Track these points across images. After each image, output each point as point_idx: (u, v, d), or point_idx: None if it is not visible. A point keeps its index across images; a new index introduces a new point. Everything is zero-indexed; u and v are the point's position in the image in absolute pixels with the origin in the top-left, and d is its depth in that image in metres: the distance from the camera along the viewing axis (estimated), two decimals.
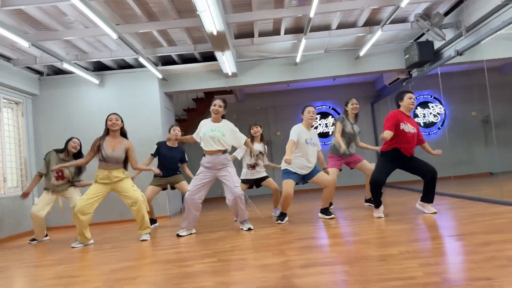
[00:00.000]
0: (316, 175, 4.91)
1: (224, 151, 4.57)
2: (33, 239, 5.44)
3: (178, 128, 5.67)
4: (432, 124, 10.27)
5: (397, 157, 4.61)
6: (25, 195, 5.30)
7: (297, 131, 4.85)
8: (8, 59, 6.30)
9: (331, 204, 5.73)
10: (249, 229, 4.66)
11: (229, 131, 4.59)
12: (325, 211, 5.03)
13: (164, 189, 5.75)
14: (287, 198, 4.89)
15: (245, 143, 4.76)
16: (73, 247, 4.65)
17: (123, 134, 4.70)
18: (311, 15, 5.06)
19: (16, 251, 4.94)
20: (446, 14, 6.13)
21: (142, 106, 7.09)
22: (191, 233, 4.76)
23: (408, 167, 4.68)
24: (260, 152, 5.52)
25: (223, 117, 4.68)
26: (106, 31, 4.87)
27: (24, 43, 4.95)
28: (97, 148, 4.55)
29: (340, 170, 5.59)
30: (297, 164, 4.85)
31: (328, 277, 2.53)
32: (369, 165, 5.52)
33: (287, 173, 4.89)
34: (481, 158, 10.10)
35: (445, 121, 10.25)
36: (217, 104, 4.58)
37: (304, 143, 4.84)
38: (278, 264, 2.94)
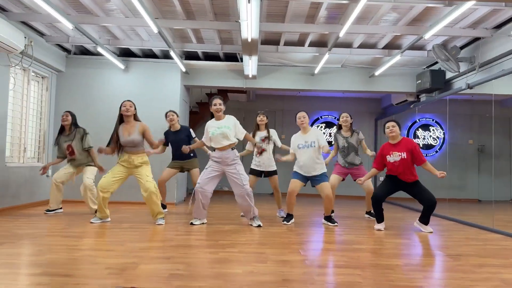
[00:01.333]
0: (319, 184, 5.20)
1: (233, 147, 4.92)
2: (48, 210, 5.70)
3: (172, 112, 6.00)
4: (431, 146, 10.71)
5: (398, 181, 4.98)
6: (44, 169, 5.63)
7: (292, 141, 5.34)
8: (42, 34, 6.54)
9: (332, 211, 6.08)
10: (259, 225, 4.99)
11: (233, 124, 4.92)
12: (329, 218, 5.38)
13: (181, 171, 6.11)
14: (291, 194, 5.22)
15: (245, 137, 5.10)
16: (92, 223, 4.94)
17: (137, 119, 5.02)
18: (341, 34, 5.41)
19: (37, 219, 5.21)
20: (461, 48, 6.53)
21: (162, 96, 7.37)
22: (203, 223, 5.09)
23: (409, 191, 5.02)
24: (265, 137, 5.82)
25: (224, 112, 5.03)
26: (148, 23, 5.15)
27: (68, 25, 5.22)
28: (116, 137, 4.87)
29: (343, 179, 5.94)
30: (298, 167, 5.25)
31: (344, 278, 2.88)
32: (369, 185, 5.78)
33: (294, 173, 5.30)
34: (472, 184, 10.57)
35: (443, 146, 10.70)
36: (217, 103, 4.91)
37: (296, 149, 5.24)
38: (297, 262, 3.29)
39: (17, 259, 3.23)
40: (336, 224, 5.29)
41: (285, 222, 5.33)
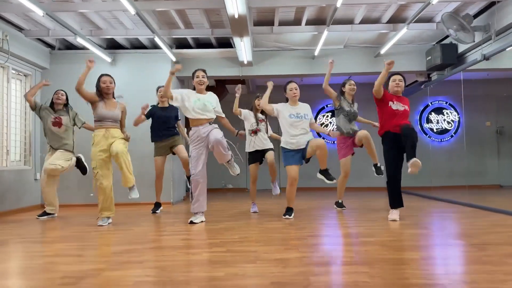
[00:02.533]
0: (308, 145, 4.70)
1: (211, 122, 4.54)
2: (43, 214, 5.29)
3: (162, 89, 5.62)
4: (445, 131, 10.05)
5: (393, 140, 4.44)
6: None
7: (279, 108, 4.86)
8: (20, 29, 6.13)
9: (341, 203, 5.57)
10: (236, 173, 4.69)
11: (215, 101, 4.64)
12: (325, 172, 4.79)
13: (170, 154, 5.69)
14: (293, 183, 4.72)
15: (223, 123, 4.75)
16: (100, 225, 4.50)
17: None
18: (338, 4, 4.87)
19: (16, 225, 4.79)
20: (475, 16, 5.92)
21: (153, 89, 6.88)
22: (202, 221, 4.59)
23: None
24: (263, 119, 5.47)
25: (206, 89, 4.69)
26: (125, 5, 4.69)
27: (38, 11, 4.79)
28: (95, 100, 4.56)
29: (353, 154, 5.41)
30: (289, 143, 4.74)
31: (347, 278, 2.36)
32: (365, 133, 5.22)
33: (287, 155, 4.77)
34: (492, 170, 9.91)
35: (458, 129, 10.04)
36: (200, 75, 4.61)
37: (287, 118, 4.76)
38: (292, 260, 2.77)
39: None
40: (334, 180, 4.76)
41: (286, 216, 4.79)
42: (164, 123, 5.52)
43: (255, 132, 5.35)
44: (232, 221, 4.67)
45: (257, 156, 5.41)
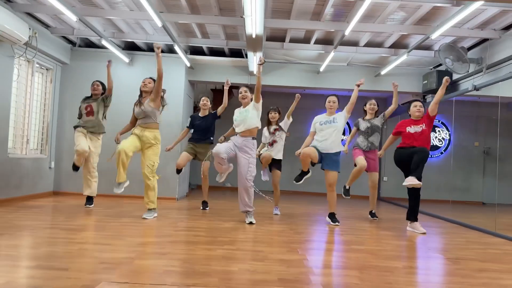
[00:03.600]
0: (329, 168, 5.11)
1: (254, 137, 4.95)
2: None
3: (207, 98, 6.14)
4: (436, 148, 10.61)
5: (408, 152, 4.96)
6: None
7: (314, 121, 5.36)
8: (47, 26, 6.53)
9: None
10: (251, 223, 4.92)
11: (251, 106, 4.97)
12: (332, 216, 5.28)
13: (194, 158, 6.14)
14: (306, 155, 5.06)
15: (255, 99, 4.96)
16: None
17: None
18: (346, 32, 5.35)
19: (38, 210, 5.23)
20: (469, 49, 6.44)
21: (167, 90, 7.30)
22: (228, 172, 5.15)
23: (412, 158, 4.92)
24: (275, 129, 5.89)
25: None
26: (152, 17, 5.13)
27: (72, 17, 5.20)
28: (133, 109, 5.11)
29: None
30: (316, 143, 5.20)
31: (342, 279, 2.85)
32: (376, 177, 5.84)
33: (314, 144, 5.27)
34: (476, 187, 10.47)
35: (448, 147, 10.60)
36: (242, 91, 5.11)
37: (319, 126, 5.24)
38: (294, 261, 3.25)
39: (14, 251, 3.22)
40: (337, 223, 5.24)
41: (295, 182, 5.36)
42: (202, 131, 5.98)
43: (271, 144, 5.83)
44: (237, 221, 5.12)
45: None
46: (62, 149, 7.19)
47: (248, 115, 4.91)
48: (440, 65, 7.48)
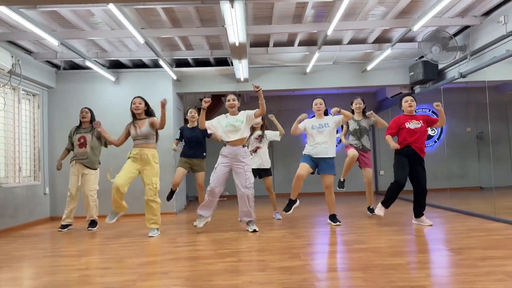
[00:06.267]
0: (325, 172, 5.13)
1: (244, 145, 4.94)
2: (63, 226, 5.67)
3: (195, 111, 6.07)
4: (429, 137, 10.65)
5: (411, 154, 4.93)
6: (58, 167, 5.88)
7: (304, 123, 5.27)
8: (29, 52, 6.49)
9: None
10: (254, 230, 4.91)
11: (245, 116, 4.92)
12: (332, 217, 5.29)
13: (190, 171, 6.07)
14: (298, 179, 5.14)
15: (255, 115, 4.93)
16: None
17: (149, 114, 5.10)
18: (329, 32, 5.36)
19: (36, 239, 5.16)
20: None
21: (155, 105, 7.19)
22: (206, 222, 5.07)
23: (413, 168, 4.95)
24: (259, 135, 5.87)
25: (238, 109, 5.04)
26: (134, 34, 5.11)
27: (54, 42, 5.17)
28: (127, 131, 5.03)
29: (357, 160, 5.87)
30: (309, 149, 5.18)
31: (346, 282, 2.83)
32: (370, 173, 5.84)
33: (304, 157, 5.21)
34: (473, 172, 10.51)
35: (441, 135, 10.65)
36: (230, 99, 4.97)
37: (310, 129, 5.20)
38: (297, 267, 3.23)
39: (15, 283, 3.18)
40: (339, 223, 5.22)
41: (285, 212, 5.31)
42: (193, 143, 5.90)
43: (255, 151, 5.80)
44: (236, 231, 5.10)
45: (255, 172, 5.80)
46: (56, 173, 7.08)
47: (242, 126, 4.88)
48: None
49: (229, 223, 5.84)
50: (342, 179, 5.99)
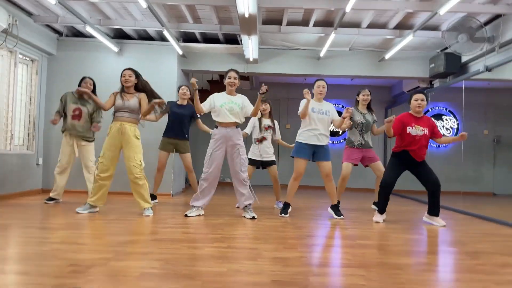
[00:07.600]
0: (323, 159, 4.80)
1: (238, 125, 4.60)
2: (50, 199, 5.42)
3: (187, 88, 5.75)
4: None
5: (406, 159, 4.57)
6: (54, 121, 5.34)
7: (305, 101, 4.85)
8: (29, 14, 6.16)
9: (338, 202, 5.63)
10: (253, 217, 4.57)
11: (242, 103, 4.61)
12: (335, 208, 4.94)
13: (174, 151, 5.77)
14: (297, 177, 4.84)
15: (250, 114, 4.68)
16: (78, 213, 4.57)
17: (139, 89, 4.72)
18: (347, 9, 4.93)
19: (19, 209, 4.87)
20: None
21: (158, 80, 6.88)
22: (199, 214, 4.69)
23: (414, 171, 4.64)
24: (269, 126, 5.57)
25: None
26: None
27: (50, 0, 4.82)
28: (114, 98, 4.64)
29: (356, 165, 5.49)
30: (306, 135, 4.82)
31: (345, 280, 2.46)
32: (382, 167, 5.45)
33: (298, 149, 4.83)
34: (487, 177, 10.05)
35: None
36: (232, 76, 4.61)
37: (311, 113, 4.82)
38: (292, 259, 2.87)
39: None
40: (341, 217, 4.85)
41: (282, 215, 4.89)
42: (179, 122, 5.59)
43: (260, 140, 5.46)
44: (232, 217, 4.76)
45: (258, 164, 5.57)
46: (51, 145, 6.81)
47: (238, 110, 4.55)
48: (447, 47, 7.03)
49: (227, 208, 5.50)
50: (337, 202, 5.12)
